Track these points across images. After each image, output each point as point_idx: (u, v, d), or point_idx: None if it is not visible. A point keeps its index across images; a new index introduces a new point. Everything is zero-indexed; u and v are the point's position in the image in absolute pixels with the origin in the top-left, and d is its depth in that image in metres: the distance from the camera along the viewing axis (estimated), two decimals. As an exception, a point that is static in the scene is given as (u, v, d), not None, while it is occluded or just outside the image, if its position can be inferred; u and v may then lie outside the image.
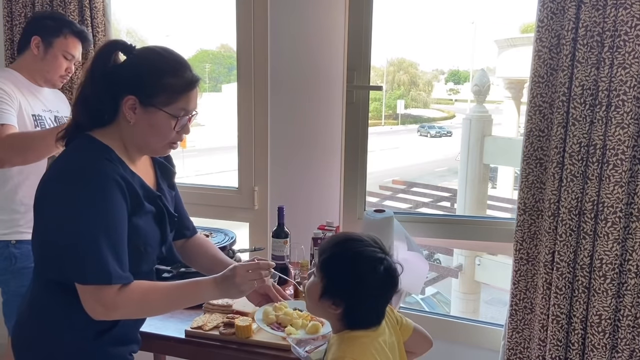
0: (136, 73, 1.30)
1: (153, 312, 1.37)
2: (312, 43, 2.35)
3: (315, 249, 1.89)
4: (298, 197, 2.44)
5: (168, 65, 1.31)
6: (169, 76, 1.29)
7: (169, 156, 1.55)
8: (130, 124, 1.31)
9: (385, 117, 10.23)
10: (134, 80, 1.29)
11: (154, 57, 1.32)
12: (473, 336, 2.37)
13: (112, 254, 1.23)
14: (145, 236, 1.36)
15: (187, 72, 1.33)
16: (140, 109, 1.29)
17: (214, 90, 7.77)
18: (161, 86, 1.29)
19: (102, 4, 2.47)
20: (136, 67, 1.31)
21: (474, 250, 6.17)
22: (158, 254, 1.45)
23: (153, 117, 1.30)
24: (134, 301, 1.28)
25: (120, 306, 1.26)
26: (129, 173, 1.33)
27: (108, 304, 1.25)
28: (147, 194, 1.37)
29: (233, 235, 2.23)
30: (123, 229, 1.27)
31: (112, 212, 1.24)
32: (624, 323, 1.87)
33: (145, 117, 1.30)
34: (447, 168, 9.72)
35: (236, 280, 1.32)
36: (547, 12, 1.84)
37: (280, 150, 2.46)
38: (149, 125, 1.30)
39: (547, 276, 1.94)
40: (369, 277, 1.27)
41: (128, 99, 1.28)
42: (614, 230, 1.82)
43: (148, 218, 1.37)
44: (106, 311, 1.26)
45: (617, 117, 1.77)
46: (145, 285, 1.31)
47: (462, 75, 10.35)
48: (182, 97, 1.31)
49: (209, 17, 5.71)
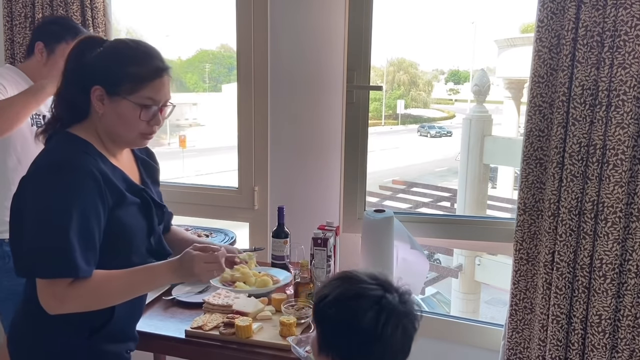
0: (103, 63, 1.32)
1: (109, 301, 1.34)
2: (312, 43, 2.35)
3: (315, 249, 1.89)
4: (298, 197, 2.44)
5: (133, 55, 1.32)
6: (133, 65, 1.31)
7: (152, 153, 1.57)
8: (100, 115, 1.33)
9: (385, 117, 10.23)
10: (101, 71, 1.31)
11: (120, 47, 1.35)
12: (473, 336, 2.37)
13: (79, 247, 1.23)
14: (131, 228, 1.36)
15: (154, 61, 1.33)
16: (107, 99, 1.31)
17: (214, 90, 7.78)
18: (125, 75, 1.30)
19: (103, 4, 2.47)
20: (103, 58, 1.33)
21: (474, 250, 6.17)
22: (147, 246, 1.44)
23: (119, 106, 1.31)
24: (88, 293, 1.27)
25: (74, 298, 1.26)
26: (109, 166, 1.34)
27: (61, 296, 1.25)
28: (130, 186, 1.38)
29: (233, 235, 2.23)
30: (93, 223, 1.26)
31: (81, 207, 1.23)
32: (624, 323, 1.87)
33: (112, 107, 1.31)
34: (447, 168, 9.73)
35: (195, 271, 1.33)
36: (547, 12, 1.84)
37: (280, 150, 2.46)
38: (116, 115, 1.32)
39: (547, 276, 1.95)
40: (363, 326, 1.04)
41: (95, 90, 1.30)
42: (614, 230, 1.82)
43: (133, 210, 1.37)
44: (60, 304, 1.26)
45: (617, 117, 1.77)
46: (99, 276, 1.29)
47: (462, 75, 10.36)
48: (146, 85, 1.31)
49: (209, 17, 5.72)
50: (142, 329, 1.73)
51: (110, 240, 1.31)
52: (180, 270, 1.34)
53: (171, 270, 1.34)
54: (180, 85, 7.95)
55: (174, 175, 7.47)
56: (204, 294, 1.94)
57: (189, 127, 8.39)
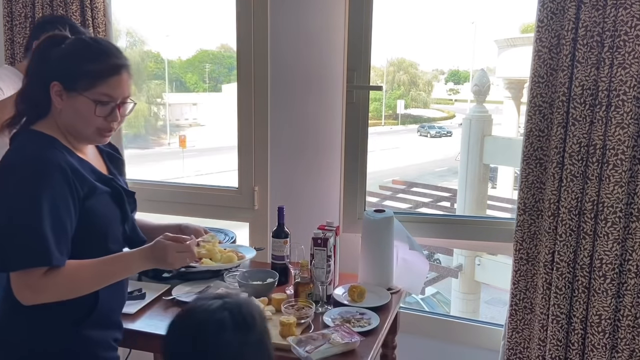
0: (61, 60, 1.35)
1: (83, 290, 1.36)
2: (312, 43, 2.35)
3: (315, 249, 1.89)
4: (298, 197, 2.44)
5: (91, 52, 1.35)
6: (90, 62, 1.33)
7: (116, 147, 1.60)
8: (59, 110, 1.35)
9: (385, 117, 10.22)
10: (59, 67, 1.34)
11: (80, 44, 1.37)
12: (473, 336, 2.37)
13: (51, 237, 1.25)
14: (105, 216, 1.40)
15: (111, 59, 1.36)
16: (65, 95, 1.34)
17: (214, 90, 7.77)
18: (82, 71, 1.33)
19: (103, 4, 2.47)
20: (62, 55, 1.35)
21: (474, 250, 6.17)
22: (122, 233, 1.48)
23: (75, 102, 1.34)
24: (62, 282, 1.29)
25: (48, 288, 1.28)
26: (76, 159, 1.37)
27: (36, 286, 1.27)
28: (99, 177, 1.41)
29: (233, 235, 2.23)
30: (64, 214, 1.29)
31: (51, 198, 1.26)
32: (624, 323, 1.87)
33: (69, 103, 1.34)
34: (447, 168, 9.72)
35: (168, 260, 1.39)
36: (547, 12, 1.84)
37: (280, 150, 2.46)
38: (73, 110, 1.35)
39: (547, 276, 1.95)
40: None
41: (54, 85, 1.33)
42: (614, 230, 1.82)
43: (105, 199, 1.40)
44: (35, 295, 1.28)
45: (617, 117, 1.77)
46: (73, 265, 1.32)
47: (462, 75, 10.35)
48: (103, 82, 1.34)
49: (209, 17, 5.71)
50: (142, 329, 1.74)
51: (87, 230, 1.35)
52: (152, 258, 1.39)
53: (143, 258, 1.39)
54: (180, 85, 7.95)
55: (174, 175, 7.46)
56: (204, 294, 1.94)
57: (189, 127, 8.38)
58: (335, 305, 1.90)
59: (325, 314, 1.81)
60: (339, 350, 1.58)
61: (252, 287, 1.91)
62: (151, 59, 7.08)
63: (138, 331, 1.73)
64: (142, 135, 7.60)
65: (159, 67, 7.39)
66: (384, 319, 1.82)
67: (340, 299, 1.93)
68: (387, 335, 1.93)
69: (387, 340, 2.03)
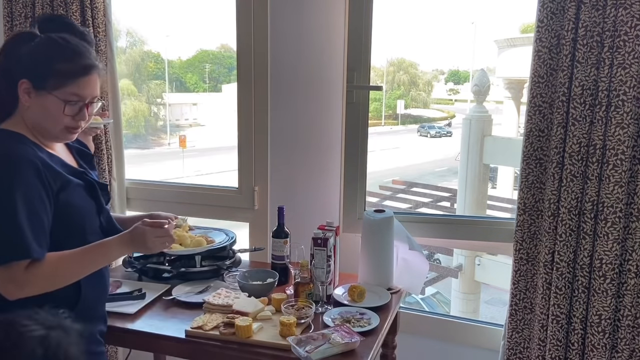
0: (31, 58, 1.35)
1: (67, 280, 1.37)
2: (312, 43, 2.35)
3: (315, 249, 1.89)
4: (298, 197, 2.45)
5: (61, 51, 1.36)
6: (60, 61, 1.34)
7: (83, 142, 1.62)
8: (26, 107, 1.36)
9: (385, 117, 10.22)
10: (28, 65, 1.34)
11: (50, 43, 1.37)
12: (473, 336, 2.37)
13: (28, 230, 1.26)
14: (81, 208, 1.41)
15: (82, 59, 1.37)
16: (33, 93, 1.35)
17: (214, 90, 7.77)
18: (52, 70, 1.34)
19: (103, 4, 2.47)
20: (32, 53, 1.35)
21: (474, 250, 6.17)
22: (99, 225, 1.49)
23: (44, 100, 1.35)
24: (45, 274, 1.30)
25: (32, 281, 1.29)
26: (45, 154, 1.38)
27: (20, 281, 1.27)
28: (70, 170, 1.43)
29: (233, 235, 2.23)
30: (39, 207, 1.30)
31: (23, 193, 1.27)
32: (623, 323, 1.87)
33: (38, 101, 1.35)
34: (447, 168, 9.72)
35: (148, 245, 1.44)
36: (547, 12, 1.84)
37: (280, 150, 2.46)
38: (41, 108, 1.36)
39: (547, 276, 1.95)
40: None
41: (22, 83, 1.34)
42: (614, 230, 1.82)
43: (79, 191, 1.42)
44: (19, 289, 1.28)
45: (617, 117, 1.77)
46: (54, 257, 1.33)
47: (462, 75, 10.35)
48: (72, 82, 1.35)
49: (209, 17, 5.72)
50: (142, 329, 1.74)
51: (65, 223, 1.36)
52: (131, 243, 1.44)
53: (123, 244, 1.43)
54: (180, 85, 7.95)
55: (174, 175, 7.46)
56: (204, 294, 1.94)
57: (189, 127, 8.39)
58: (335, 305, 1.90)
59: (325, 314, 1.81)
60: (339, 350, 1.58)
61: (252, 287, 1.92)
62: (151, 59, 7.08)
63: (138, 331, 1.73)
64: (142, 135, 7.61)
65: (159, 67, 7.39)
66: (384, 319, 1.82)
67: (340, 299, 1.93)
68: (387, 335, 1.93)
69: (387, 340, 2.03)
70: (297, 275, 1.91)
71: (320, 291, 1.88)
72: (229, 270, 2.08)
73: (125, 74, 5.70)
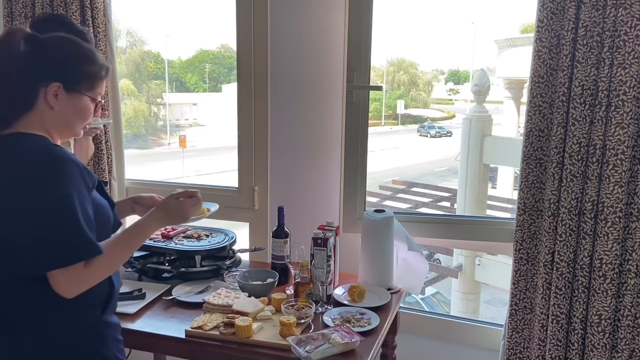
0: (60, 61, 1.35)
1: (115, 268, 1.42)
2: (312, 43, 2.35)
3: (315, 249, 1.89)
4: (298, 197, 2.44)
5: (86, 53, 1.39)
6: (90, 63, 1.38)
7: None
8: (50, 108, 1.35)
9: (385, 117, 10.22)
10: (59, 68, 1.35)
11: (72, 44, 1.38)
12: (473, 336, 2.37)
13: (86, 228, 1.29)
14: (104, 205, 1.45)
15: (101, 60, 1.43)
16: (63, 95, 1.35)
17: (214, 90, 7.77)
18: (85, 73, 1.37)
19: (103, 4, 2.47)
20: (58, 55, 1.35)
21: (474, 250, 6.17)
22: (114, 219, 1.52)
23: (78, 102, 1.38)
24: (100, 266, 1.33)
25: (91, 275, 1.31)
26: None
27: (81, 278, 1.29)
28: None
29: (233, 235, 2.23)
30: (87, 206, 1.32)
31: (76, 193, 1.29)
32: (623, 323, 1.87)
33: (69, 103, 1.37)
34: (447, 168, 9.72)
35: (186, 215, 1.56)
36: (547, 12, 1.84)
37: (280, 150, 2.46)
38: (74, 109, 1.38)
39: (547, 276, 1.95)
40: None
41: (52, 86, 1.33)
42: (614, 230, 1.82)
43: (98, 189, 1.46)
44: (79, 286, 1.30)
45: (617, 117, 1.77)
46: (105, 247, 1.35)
47: (462, 75, 10.34)
48: (100, 82, 1.42)
49: (209, 17, 5.72)
50: (142, 329, 1.74)
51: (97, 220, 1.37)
52: (167, 218, 1.54)
53: (158, 220, 1.51)
54: (180, 85, 7.94)
55: (174, 175, 7.46)
56: (204, 294, 1.94)
57: (189, 127, 8.39)
58: (335, 305, 1.90)
59: (325, 314, 1.81)
60: (339, 350, 1.58)
61: (252, 287, 1.92)
62: (151, 59, 7.08)
63: (138, 331, 1.73)
64: (142, 135, 7.60)
65: (159, 67, 7.39)
66: (384, 319, 1.82)
67: (340, 299, 1.93)
68: (387, 335, 1.93)
69: (387, 340, 2.03)
70: (297, 275, 1.91)
71: (320, 291, 1.88)
72: (229, 270, 2.08)
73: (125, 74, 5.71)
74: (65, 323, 1.36)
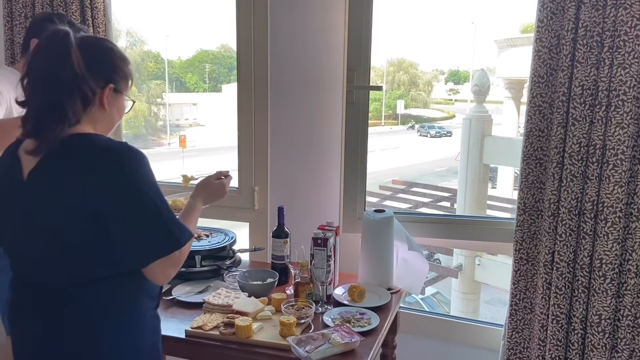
0: (113, 63, 1.38)
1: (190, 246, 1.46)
2: (312, 43, 2.35)
3: (315, 249, 1.89)
4: (298, 197, 2.45)
5: (122, 54, 1.42)
6: (127, 63, 1.42)
7: None
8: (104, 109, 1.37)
9: (385, 117, 10.23)
10: (113, 70, 1.38)
11: (112, 46, 1.42)
12: (473, 336, 2.37)
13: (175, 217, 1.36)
14: None
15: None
16: (112, 96, 1.38)
17: (214, 90, 7.78)
18: (127, 74, 1.42)
19: (103, 4, 2.47)
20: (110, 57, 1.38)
21: (474, 250, 6.17)
22: None
23: (120, 102, 1.42)
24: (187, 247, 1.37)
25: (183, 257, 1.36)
26: None
27: (177, 262, 1.35)
28: None
29: (233, 235, 2.23)
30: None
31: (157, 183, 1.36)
32: (623, 323, 1.87)
33: (115, 103, 1.40)
34: (447, 168, 9.72)
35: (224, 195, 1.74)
36: (547, 12, 1.84)
37: (280, 150, 2.46)
38: (117, 109, 1.42)
39: (547, 276, 1.95)
40: None
41: (109, 88, 1.36)
42: (614, 230, 1.82)
43: None
44: (175, 270, 1.36)
45: (617, 117, 1.77)
46: None
47: (462, 75, 10.35)
48: (131, 82, 1.46)
49: (209, 17, 5.72)
50: (142, 329, 1.73)
51: None
52: (210, 198, 1.70)
53: (203, 202, 1.66)
54: (180, 85, 7.95)
55: (174, 175, 7.46)
56: (204, 293, 1.94)
57: (189, 127, 8.40)
58: (335, 305, 1.90)
59: (325, 314, 1.81)
60: (339, 350, 1.58)
61: (252, 287, 1.92)
62: (151, 59, 7.08)
63: (138, 331, 1.73)
64: (142, 135, 7.61)
65: (159, 67, 7.40)
66: (384, 319, 1.82)
67: (340, 299, 1.93)
68: (387, 335, 1.93)
69: (387, 340, 2.03)
70: (297, 275, 1.91)
71: (320, 291, 1.88)
72: (229, 270, 2.08)
73: (125, 73, 5.69)
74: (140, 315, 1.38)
